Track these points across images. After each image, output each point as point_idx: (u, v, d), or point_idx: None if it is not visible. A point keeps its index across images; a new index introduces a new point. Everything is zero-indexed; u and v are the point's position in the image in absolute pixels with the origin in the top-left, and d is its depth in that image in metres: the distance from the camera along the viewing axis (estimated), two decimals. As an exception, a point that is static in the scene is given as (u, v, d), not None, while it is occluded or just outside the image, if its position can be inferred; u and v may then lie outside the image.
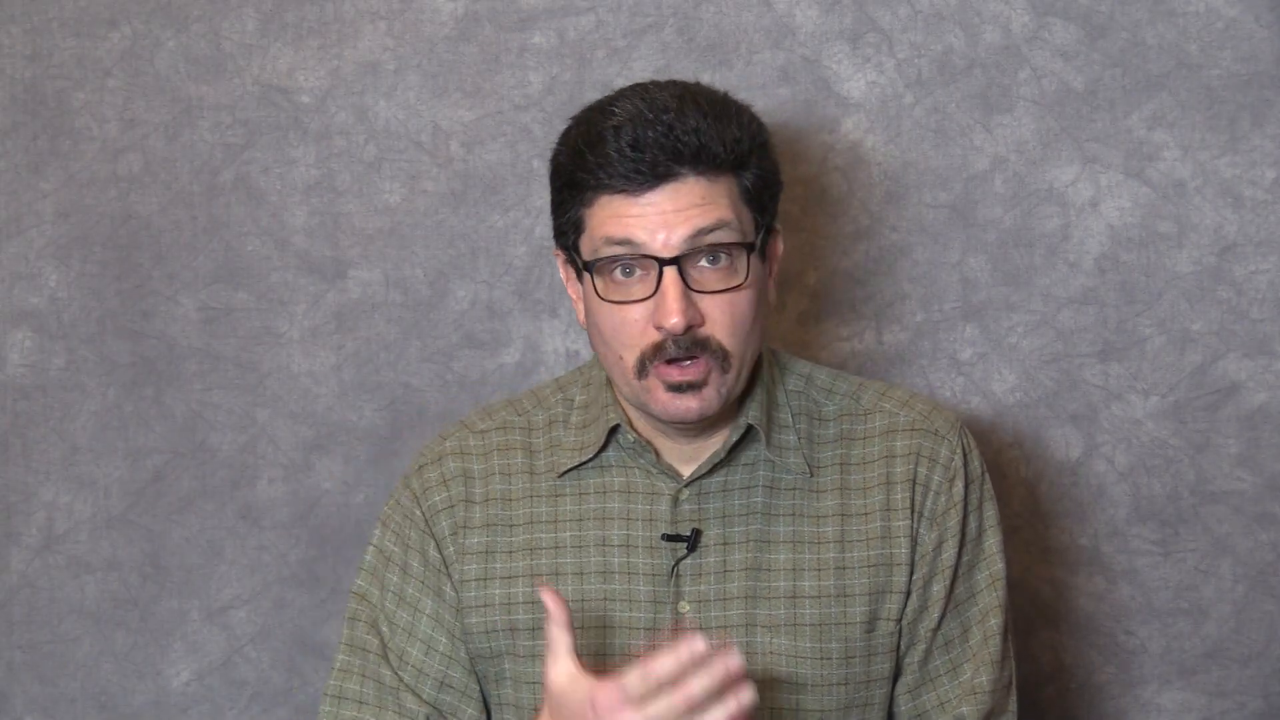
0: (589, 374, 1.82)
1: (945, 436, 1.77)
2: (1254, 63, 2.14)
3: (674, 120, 1.62)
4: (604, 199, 1.65)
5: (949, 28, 2.16)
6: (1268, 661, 2.17)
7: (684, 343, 1.63)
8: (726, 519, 1.73)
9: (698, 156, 1.63)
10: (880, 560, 1.74)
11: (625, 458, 1.76)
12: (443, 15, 2.20)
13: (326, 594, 2.24)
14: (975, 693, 1.76)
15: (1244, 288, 2.15)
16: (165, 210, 2.22)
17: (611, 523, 1.74)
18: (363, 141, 2.21)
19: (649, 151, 1.61)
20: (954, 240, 2.18)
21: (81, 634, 2.24)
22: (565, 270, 1.76)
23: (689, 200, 1.63)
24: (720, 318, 1.65)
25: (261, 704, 2.24)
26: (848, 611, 1.72)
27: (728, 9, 2.18)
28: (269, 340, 2.22)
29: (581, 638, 1.70)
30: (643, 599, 1.72)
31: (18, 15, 2.21)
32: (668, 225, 1.62)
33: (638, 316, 1.65)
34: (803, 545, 1.73)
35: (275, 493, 2.23)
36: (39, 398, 2.23)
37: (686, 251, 1.63)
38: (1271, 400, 2.16)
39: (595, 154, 1.63)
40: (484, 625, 1.75)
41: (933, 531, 1.75)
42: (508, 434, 1.80)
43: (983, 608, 1.78)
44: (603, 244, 1.65)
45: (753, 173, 1.68)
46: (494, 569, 1.75)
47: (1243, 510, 2.17)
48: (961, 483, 1.76)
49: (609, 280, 1.66)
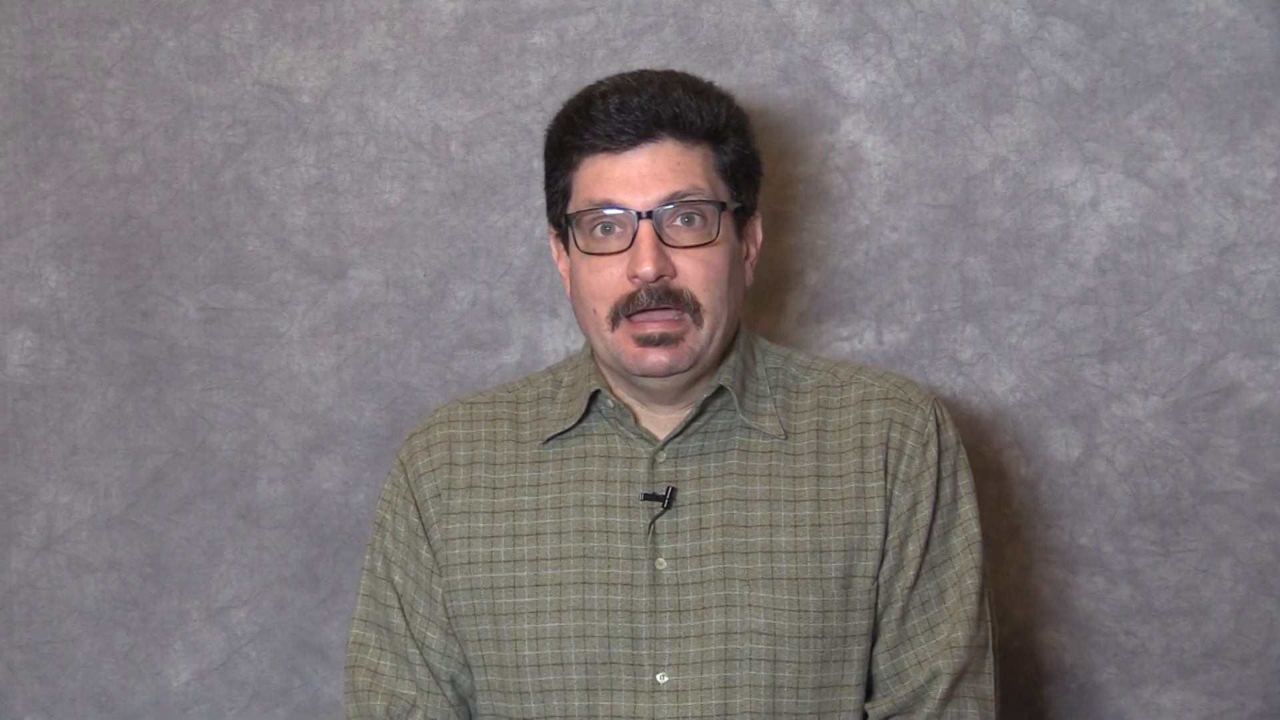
0: (578, 357, 1.88)
1: (919, 405, 1.82)
2: (1254, 63, 2.14)
3: (657, 90, 1.75)
4: (588, 160, 1.76)
5: (949, 28, 2.16)
6: (1268, 661, 2.17)
7: (656, 292, 1.72)
8: (702, 479, 1.79)
9: (676, 122, 1.75)
10: (855, 519, 1.78)
11: (606, 425, 1.82)
12: (443, 15, 2.20)
13: (326, 594, 2.24)
14: (951, 648, 1.79)
15: (1244, 288, 2.15)
16: (165, 210, 2.22)
17: (590, 485, 1.80)
18: (363, 141, 2.21)
19: (632, 114, 1.74)
20: (954, 240, 2.18)
21: (81, 634, 2.24)
22: (556, 247, 1.86)
23: (666, 162, 1.75)
24: (693, 272, 1.74)
25: (261, 704, 2.24)
26: (824, 567, 1.76)
27: (728, 9, 2.18)
28: (269, 340, 2.22)
29: (563, 594, 1.77)
30: (620, 555, 1.77)
31: (18, 15, 2.21)
32: (645, 183, 1.74)
33: (614, 270, 1.74)
34: (779, 503, 1.78)
35: (275, 493, 2.23)
36: (39, 398, 2.23)
37: (661, 208, 1.73)
38: (1271, 400, 2.16)
39: (582, 116, 1.76)
40: (467, 583, 1.80)
41: (906, 493, 1.79)
42: (495, 407, 1.87)
43: (959, 569, 1.81)
44: (585, 203, 1.76)
45: (731, 148, 1.78)
46: (476, 528, 1.81)
47: (1243, 510, 2.17)
48: (935, 448, 1.81)
49: (589, 236, 1.76)
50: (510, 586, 1.79)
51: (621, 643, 1.75)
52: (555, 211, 1.82)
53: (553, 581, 1.77)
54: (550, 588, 1.77)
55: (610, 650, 1.75)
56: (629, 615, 1.75)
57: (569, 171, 1.78)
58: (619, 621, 1.75)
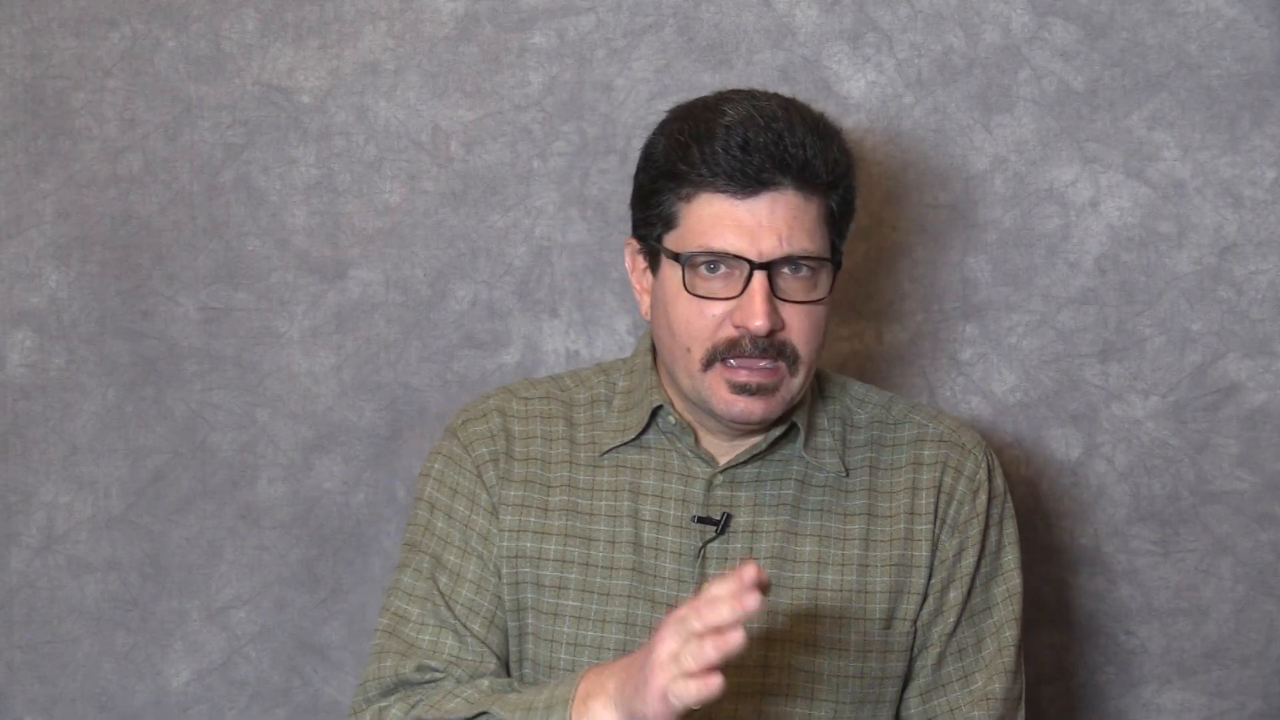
0: (632, 362, 1.84)
1: (971, 451, 1.81)
2: (1254, 63, 2.14)
3: (783, 129, 1.66)
4: (705, 196, 1.68)
5: (949, 28, 2.16)
6: (1268, 661, 2.17)
7: (762, 344, 1.67)
8: (757, 508, 1.76)
9: (802, 170, 1.67)
10: (901, 561, 1.76)
11: (665, 440, 1.78)
12: (443, 15, 2.20)
13: (326, 594, 2.24)
14: (988, 699, 1.78)
15: (1244, 288, 2.15)
16: (165, 210, 2.22)
17: (645, 498, 1.77)
18: (363, 141, 2.21)
19: (757, 155, 1.65)
20: (954, 240, 2.18)
21: (81, 634, 2.24)
22: (634, 260, 1.79)
23: (786, 213, 1.67)
24: (799, 326, 1.69)
25: (261, 704, 2.24)
26: (867, 608, 1.75)
27: (728, 9, 2.18)
28: (269, 340, 2.22)
29: (608, 604, 1.74)
30: (668, 575, 1.75)
31: (18, 15, 2.21)
32: (763, 233, 1.66)
33: (716, 313, 1.68)
34: (829, 540, 1.76)
35: (275, 493, 2.23)
36: (39, 398, 2.23)
37: (777, 260, 1.67)
38: (1271, 400, 2.16)
39: (703, 149, 1.67)
40: (513, 576, 1.77)
41: (954, 538, 1.78)
42: (549, 404, 1.83)
43: (998, 620, 1.80)
44: (700, 246, 1.68)
45: (840, 196, 1.72)
46: (528, 522, 1.78)
47: (1243, 510, 2.17)
48: (985, 495, 1.80)
49: (695, 275, 1.69)
50: (556, 586, 1.76)
51: None
52: (652, 231, 1.73)
53: (600, 590, 1.75)
54: (597, 596, 1.75)
55: None
56: None
57: (678, 201, 1.70)
58: None
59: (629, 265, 1.80)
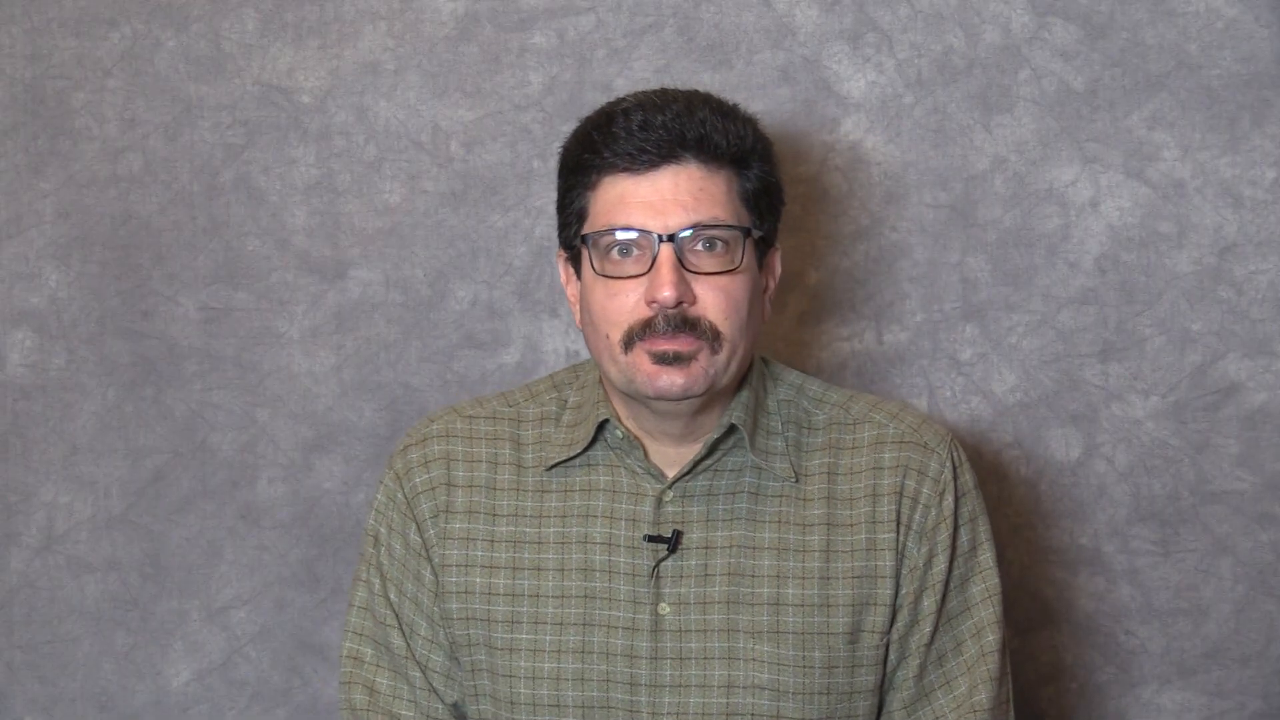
0: (585, 376, 1.82)
1: (935, 450, 1.76)
2: (1254, 63, 2.14)
3: (681, 109, 1.67)
4: (608, 180, 1.69)
5: (949, 28, 2.16)
6: (1268, 661, 2.17)
7: (674, 319, 1.65)
8: (710, 523, 1.73)
9: (701, 144, 1.67)
10: (865, 572, 1.73)
11: (613, 456, 1.76)
12: (443, 15, 2.20)
13: (326, 594, 2.24)
14: (975, 710, 1.75)
15: (1244, 288, 2.16)
16: (165, 210, 2.22)
17: (595, 520, 1.74)
18: (363, 141, 2.21)
19: (655, 132, 1.66)
20: (954, 240, 2.18)
21: (81, 634, 2.24)
22: (565, 270, 1.78)
23: (689, 186, 1.67)
24: (712, 299, 1.67)
25: (261, 704, 2.25)
26: (830, 621, 1.72)
27: (728, 9, 2.18)
28: (269, 340, 2.22)
29: (562, 634, 1.72)
30: (622, 597, 1.72)
31: (18, 15, 2.22)
32: (667, 206, 1.66)
33: (630, 294, 1.67)
34: (788, 553, 1.73)
35: (275, 493, 2.23)
36: (39, 398, 2.23)
37: (683, 232, 1.66)
38: (1271, 400, 2.16)
39: (602, 134, 1.68)
40: (464, 612, 1.76)
41: (923, 545, 1.74)
42: (496, 424, 1.81)
43: (977, 622, 1.77)
44: (605, 224, 1.68)
45: (754, 174, 1.71)
46: (475, 556, 1.76)
47: (1243, 510, 2.17)
48: (952, 496, 1.75)
49: (606, 259, 1.68)
50: (509, 621, 1.74)
51: (620, 688, 1.70)
52: (569, 233, 1.73)
53: (553, 620, 1.72)
54: (550, 626, 1.72)
55: (609, 695, 1.70)
56: (629, 660, 1.70)
57: (586, 191, 1.70)
58: (618, 666, 1.70)
59: (562, 279, 1.79)
